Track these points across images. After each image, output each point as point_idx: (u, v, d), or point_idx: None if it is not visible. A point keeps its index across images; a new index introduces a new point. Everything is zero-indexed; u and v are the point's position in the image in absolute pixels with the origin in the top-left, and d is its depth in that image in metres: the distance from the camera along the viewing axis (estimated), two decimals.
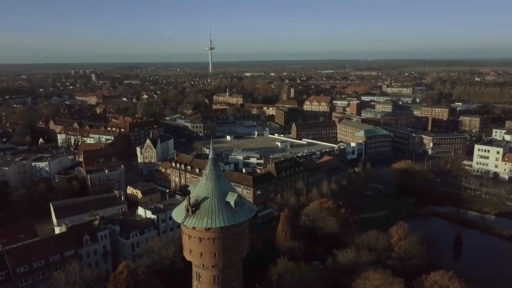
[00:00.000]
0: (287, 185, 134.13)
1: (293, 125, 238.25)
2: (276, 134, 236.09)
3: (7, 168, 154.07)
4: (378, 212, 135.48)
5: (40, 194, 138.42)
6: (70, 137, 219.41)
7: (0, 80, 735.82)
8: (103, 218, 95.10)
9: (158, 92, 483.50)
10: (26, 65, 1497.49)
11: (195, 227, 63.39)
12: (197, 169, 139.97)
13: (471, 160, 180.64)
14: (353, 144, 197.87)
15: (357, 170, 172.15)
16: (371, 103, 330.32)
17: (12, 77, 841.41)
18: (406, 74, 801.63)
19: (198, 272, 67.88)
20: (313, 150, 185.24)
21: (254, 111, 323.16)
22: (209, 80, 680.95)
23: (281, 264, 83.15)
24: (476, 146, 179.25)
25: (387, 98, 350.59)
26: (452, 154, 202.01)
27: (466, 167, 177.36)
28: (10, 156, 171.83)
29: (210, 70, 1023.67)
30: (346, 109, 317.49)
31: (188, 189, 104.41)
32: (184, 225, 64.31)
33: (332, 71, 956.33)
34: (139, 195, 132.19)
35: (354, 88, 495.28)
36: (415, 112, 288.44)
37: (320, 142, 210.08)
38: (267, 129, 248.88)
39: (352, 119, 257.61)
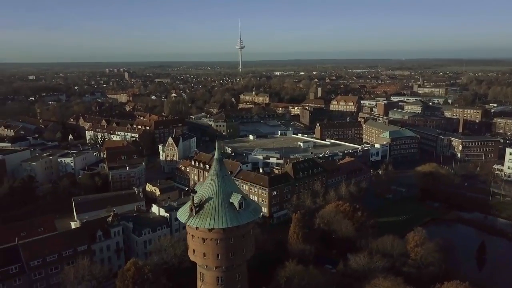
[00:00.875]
0: (304, 186, 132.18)
1: (317, 125, 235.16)
2: (300, 134, 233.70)
3: (35, 163, 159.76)
4: (398, 216, 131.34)
5: (64, 189, 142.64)
6: (97, 134, 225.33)
7: (39, 78, 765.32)
8: (116, 215, 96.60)
9: (187, 90, 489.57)
10: (65, 63, 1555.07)
11: (198, 227, 63.16)
12: None
13: (502, 164, 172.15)
14: (377, 146, 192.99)
15: (380, 172, 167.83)
16: (400, 103, 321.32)
17: (50, 75, 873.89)
18: (441, 73, 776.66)
19: (202, 273, 67.57)
20: (336, 151, 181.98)
21: (279, 111, 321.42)
22: (237, 79, 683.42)
23: (290, 267, 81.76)
24: (508, 150, 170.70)
25: (417, 99, 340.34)
26: (483, 158, 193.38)
27: (496, 172, 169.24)
28: (39, 152, 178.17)
29: (240, 69, 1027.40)
30: (374, 109, 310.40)
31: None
32: (188, 225, 64.17)
33: (363, 71, 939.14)
34: (157, 192, 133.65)
35: (384, 88, 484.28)
36: (446, 113, 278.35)
37: (344, 143, 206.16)
38: (290, 128, 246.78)
39: (379, 119, 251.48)
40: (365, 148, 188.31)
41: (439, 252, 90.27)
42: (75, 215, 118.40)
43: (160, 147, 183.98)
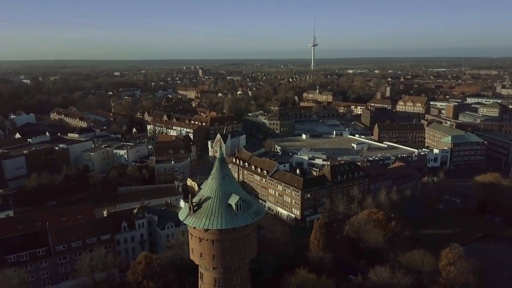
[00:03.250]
0: (342, 190, 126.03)
1: (375, 126, 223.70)
2: (357, 135, 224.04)
3: (92, 154, 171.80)
4: (446, 229, 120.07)
5: (113, 179, 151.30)
6: (157, 128, 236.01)
7: (123, 74, 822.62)
8: (144, 207, 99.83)
9: (254, 88, 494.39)
10: (149, 61, 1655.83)
11: (195, 227, 62.85)
12: (253, 167, 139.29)
13: None
14: (436, 151, 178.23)
15: (435, 179, 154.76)
16: (474, 106, 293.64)
17: (133, 71, 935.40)
18: None
19: (201, 272, 67.21)
20: (388, 155, 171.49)
21: (341, 110, 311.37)
22: (307, 77, 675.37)
23: (301, 275, 78.31)
24: None
25: (496, 101, 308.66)
26: None
27: None
28: (101, 143, 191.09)
29: (312, 67, 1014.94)
30: (443, 111, 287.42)
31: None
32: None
33: (443, 70, 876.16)
34: (196, 187, 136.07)
35: (463, 89, 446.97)
36: None
37: (402, 146, 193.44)
38: (346, 129, 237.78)
39: (446, 122, 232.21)
40: (421, 153, 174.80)
41: (474, 273, 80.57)
42: (117, 205, 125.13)
43: (209, 143, 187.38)
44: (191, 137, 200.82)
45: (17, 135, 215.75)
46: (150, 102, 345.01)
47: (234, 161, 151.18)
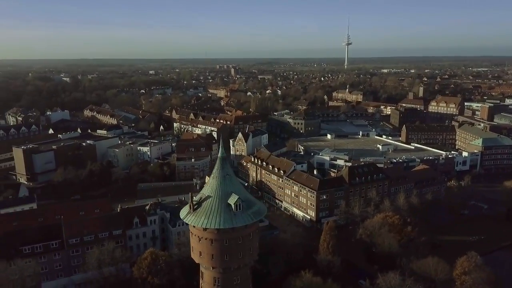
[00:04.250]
0: (360, 192, 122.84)
1: (403, 127, 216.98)
2: (384, 136, 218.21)
3: (117, 150, 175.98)
4: (469, 236, 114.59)
5: (135, 175, 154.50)
6: (182, 126, 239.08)
7: (157, 73, 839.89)
8: (155, 204, 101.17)
9: (284, 87, 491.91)
10: (184, 60, 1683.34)
11: (194, 225, 62.92)
12: (270, 166, 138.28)
13: None
14: (465, 154, 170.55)
15: (462, 183, 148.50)
16: (510, 107, 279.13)
17: (167, 70, 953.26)
18: None
19: (202, 271, 67.24)
20: (413, 157, 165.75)
21: (370, 110, 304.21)
22: (339, 76, 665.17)
23: (305, 278, 76.82)
24: None
25: None
26: None
27: None
28: (127, 140, 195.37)
29: (345, 66, 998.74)
30: (477, 112, 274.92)
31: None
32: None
33: (484, 69, 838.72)
34: None
35: (504, 89, 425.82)
36: None
37: (430, 149, 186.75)
38: (373, 129, 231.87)
39: (479, 124, 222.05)
40: (449, 156, 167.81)
41: (490, 284, 76.31)
42: (135, 201, 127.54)
43: (231, 141, 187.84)
44: (214, 136, 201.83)
45: (50, 131, 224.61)
46: (179, 100, 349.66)
47: (252, 160, 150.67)
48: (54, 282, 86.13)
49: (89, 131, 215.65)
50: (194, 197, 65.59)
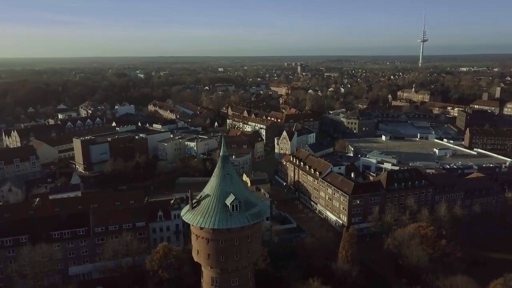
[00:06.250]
0: (399, 199, 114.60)
1: (467, 131, 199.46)
2: (446, 140, 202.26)
3: (166, 144, 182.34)
4: None
5: (178, 169, 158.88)
6: (234, 123, 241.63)
7: (226, 70, 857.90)
8: (179, 199, 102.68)
9: (349, 85, 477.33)
10: (254, 57, 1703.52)
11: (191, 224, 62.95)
12: (307, 167, 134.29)
13: None
14: None
15: None
16: None
17: (236, 68, 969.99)
18: None
19: (202, 270, 67.10)
20: (471, 163, 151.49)
21: (435, 111, 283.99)
22: (410, 74, 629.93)
23: (313, 286, 73.19)
24: None
25: None
26: None
27: None
28: (179, 135, 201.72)
29: (420, 64, 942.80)
30: None
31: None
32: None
33: None
34: (248, 183, 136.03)
35: None
36: None
37: (494, 155, 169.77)
38: (433, 132, 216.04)
39: None
40: None
41: None
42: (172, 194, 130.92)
43: (276, 140, 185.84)
44: (262, 133, 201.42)
45: (113, 124, 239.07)
46: (239, 98, 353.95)
47: (291, 159, 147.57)
48: (80, 267, 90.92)
49: (147, 125, 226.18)
50: (195, 195, 65.83)
